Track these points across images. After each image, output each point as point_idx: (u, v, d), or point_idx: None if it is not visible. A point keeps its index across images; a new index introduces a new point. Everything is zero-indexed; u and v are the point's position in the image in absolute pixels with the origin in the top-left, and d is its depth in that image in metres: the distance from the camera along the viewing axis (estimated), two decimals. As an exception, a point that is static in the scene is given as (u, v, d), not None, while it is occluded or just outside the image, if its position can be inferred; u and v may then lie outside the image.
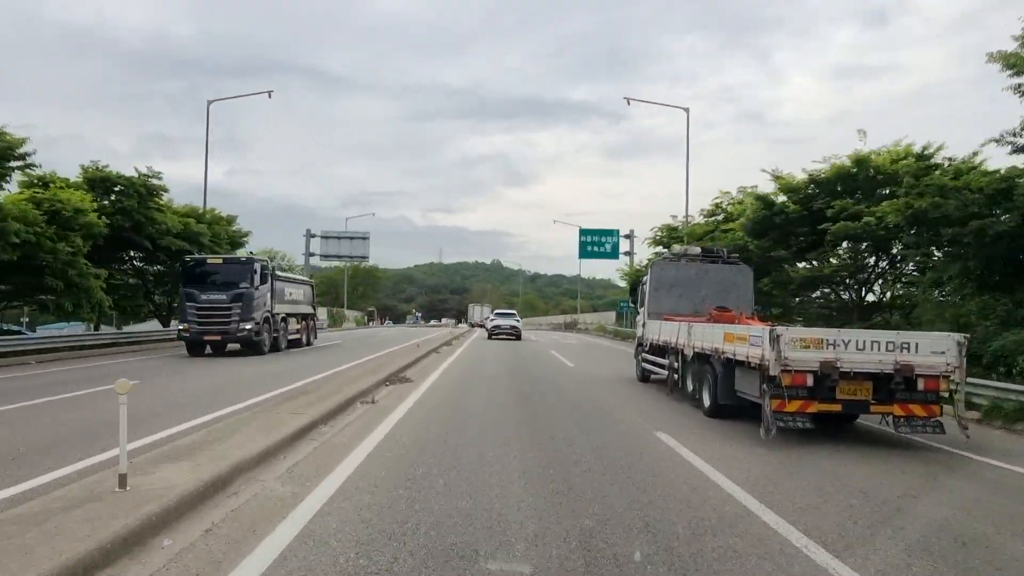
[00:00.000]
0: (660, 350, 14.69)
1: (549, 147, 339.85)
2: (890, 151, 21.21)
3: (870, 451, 8.57)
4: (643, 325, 16.44)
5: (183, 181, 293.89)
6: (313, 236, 57.11)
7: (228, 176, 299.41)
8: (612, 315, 61.37)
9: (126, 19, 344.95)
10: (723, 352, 10.34)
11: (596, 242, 51.39)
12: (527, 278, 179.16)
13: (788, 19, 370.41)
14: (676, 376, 13.10)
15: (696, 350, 11.73)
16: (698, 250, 16.35)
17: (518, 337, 38.20)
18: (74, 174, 25.89)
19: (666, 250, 32.26)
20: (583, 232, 51.55)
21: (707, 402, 11.16)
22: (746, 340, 9.42)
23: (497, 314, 42.71)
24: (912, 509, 5.98)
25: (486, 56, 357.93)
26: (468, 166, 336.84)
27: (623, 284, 50.78)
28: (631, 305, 19.07)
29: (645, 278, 16.91)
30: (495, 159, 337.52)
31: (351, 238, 58.70)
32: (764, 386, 8.74)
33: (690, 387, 12.41)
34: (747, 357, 9.30)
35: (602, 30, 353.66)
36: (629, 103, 36.15)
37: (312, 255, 57.70)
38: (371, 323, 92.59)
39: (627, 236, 50.88)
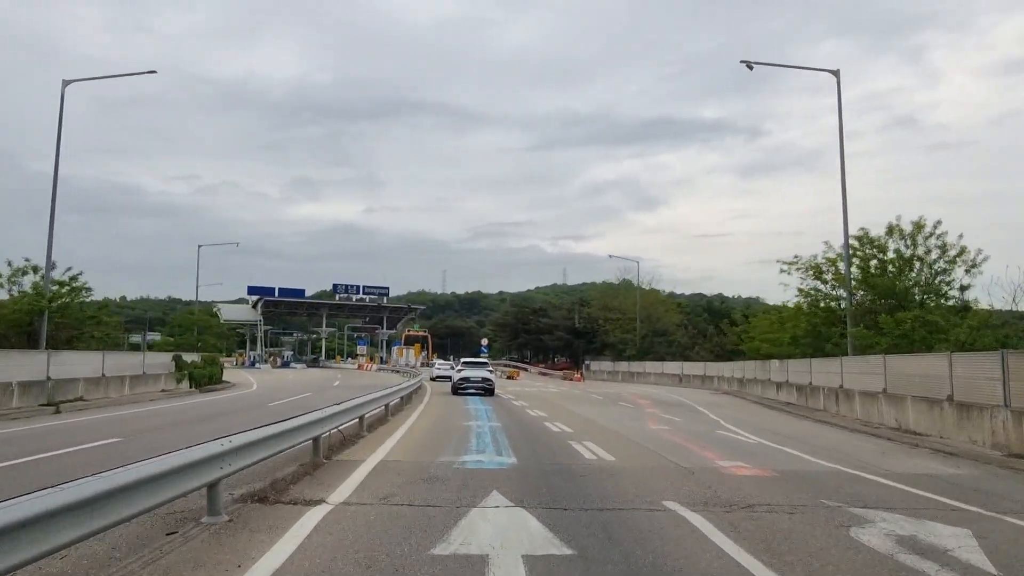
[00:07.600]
0: None
1: (679, 169, 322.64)
2: None
3: None
4: None
5: (321, 219, 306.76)
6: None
7: (366, 214, 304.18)
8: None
9: (273, 72, 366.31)
10: None
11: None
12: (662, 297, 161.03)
13: (944, 13, 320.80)
14: None
15: None
16: None
17: (491, 392, 30.07)
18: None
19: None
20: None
21: None
22: None
23: (465, 363, 33.67)
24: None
25: (612, 81, 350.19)
26: (597, 192, 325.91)
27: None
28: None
29: None
30: (624, 184, 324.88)
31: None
32: None
33: None
34: None
35: (731, 46, 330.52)
36: (751, 68, 28.46)
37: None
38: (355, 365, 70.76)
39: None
